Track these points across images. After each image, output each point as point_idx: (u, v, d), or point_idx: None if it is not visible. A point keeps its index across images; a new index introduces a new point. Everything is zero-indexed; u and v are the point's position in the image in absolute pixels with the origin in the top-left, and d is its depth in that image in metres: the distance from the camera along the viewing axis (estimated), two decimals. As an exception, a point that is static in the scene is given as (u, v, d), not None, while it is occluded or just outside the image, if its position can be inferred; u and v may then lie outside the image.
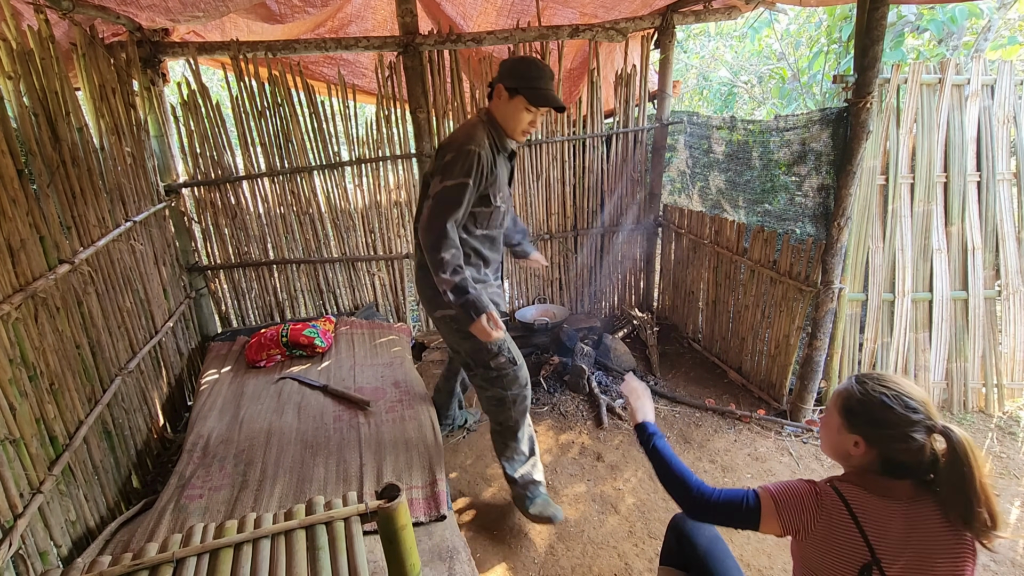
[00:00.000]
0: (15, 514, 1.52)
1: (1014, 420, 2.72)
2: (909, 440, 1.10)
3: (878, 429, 1.14)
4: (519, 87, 1.83)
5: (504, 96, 1.86)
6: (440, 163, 1.85)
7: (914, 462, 1.12)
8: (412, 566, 1.30)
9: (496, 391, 2.07)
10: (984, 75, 2.62)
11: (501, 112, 1.90)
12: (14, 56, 1.86)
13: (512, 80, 1.84)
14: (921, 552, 1.13)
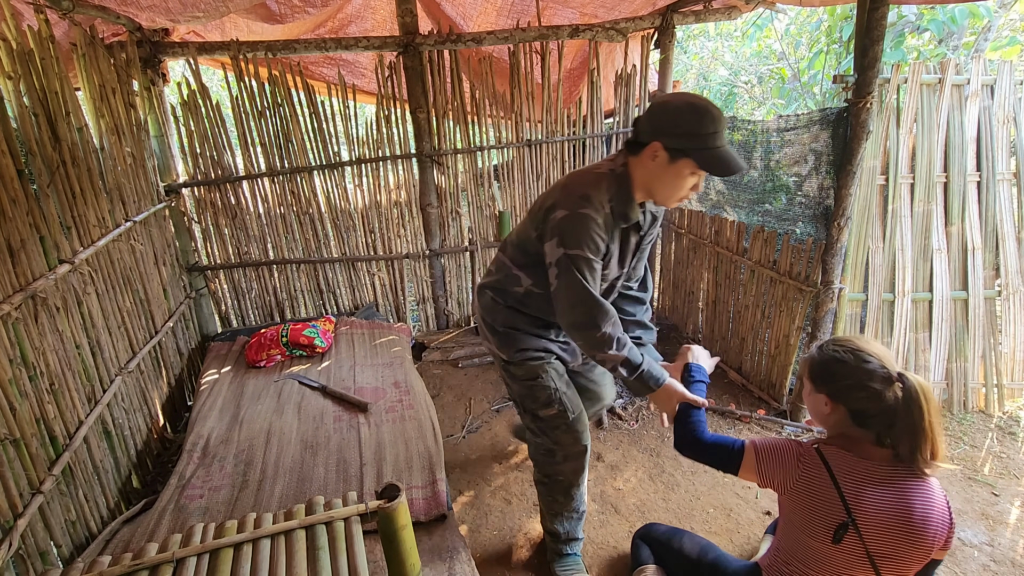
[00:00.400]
0: (15, 514, 1.52)
1: (1014, 420, 2.72)
2: (866, 388, 1.19)
3: (837, 382, 1.23)
4: (689, 148, 1.36)
5: (662, 158, 1.39)
6: (551, 218, 1.48)
7: (877, 410, 1.20)
8: (412, 566, 1.30)
9: (545, 440, 1.78)
10: (984, 75, 2.62)
11: (652, 176, 1.45)
12: (14, 56, 1.86)
13: (679, 139, 1.37)
14: (893, 515, 1.21)
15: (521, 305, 1.69)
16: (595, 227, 1.44)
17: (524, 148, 3.59)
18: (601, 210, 1.45)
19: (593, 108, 3.60)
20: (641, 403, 3.05)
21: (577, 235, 1.44)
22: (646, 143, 1.41)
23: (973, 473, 2.39)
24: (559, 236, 1.46)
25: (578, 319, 1.48)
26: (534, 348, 1.71)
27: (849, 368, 1.21)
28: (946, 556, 1.26)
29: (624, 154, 1.50)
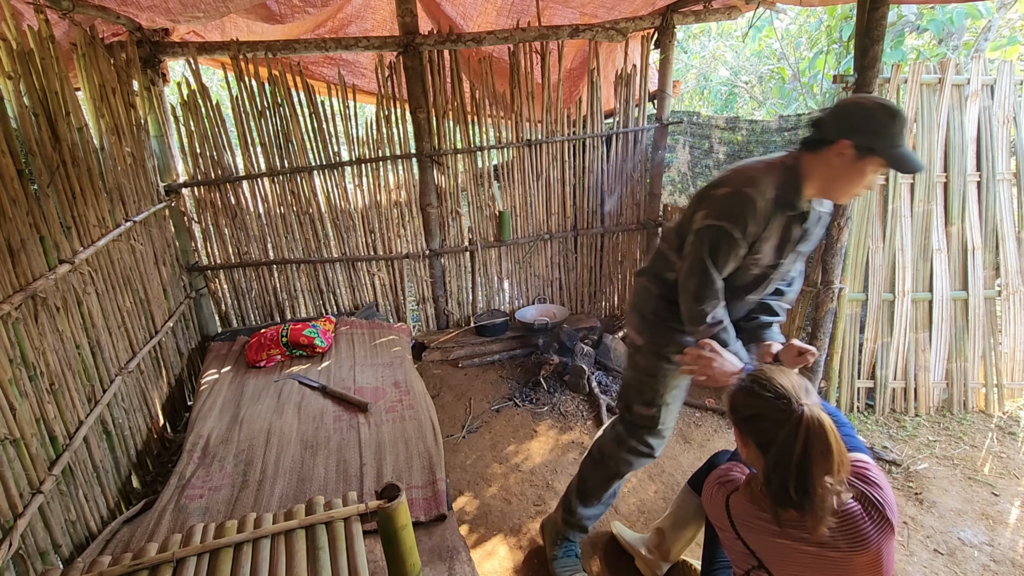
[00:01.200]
0: (15, 514, 1.52)
1: (1014, 420, 2.72)
2: (763, 419, 1.10)
3: (739, 413, 1.17)
4: (877, 147, 1.39)
5: (849, 156, 1.41)
6: (711, 194, 1.52)
7: (778, 444, 1.08)
8: (412, 566, 1.30)
9: (624, 431, 1.83)
10: (984, 75, 2.62)
11: (834, 173, 1.46)
12: (14, 56, 1.86)
13: (868, 137, 1.39)
14: (811, 567, 1.12)
15: (672, 293, 1.66)
16: (751, 208, 1.46)
17: (524, 148, 3.59)
18: (763, 196, 1.47)
19: (593, 108, 3.59)
20: (641, 403, 3.05)
21: (731, 210, 1.47)
22: (831, 141, 1.43)
23: (973, 473, 2.39)
24: (711, 208, 1.50)
25: (689, 287, 1.53)
26: (672, 344, 1.68)
27: (751, 399, 1.15)
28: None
29: (799, 151, 1.52)
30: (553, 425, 2.89)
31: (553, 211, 3.79)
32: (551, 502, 2.34)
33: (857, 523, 1.07)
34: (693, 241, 1.52)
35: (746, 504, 1.20)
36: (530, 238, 3.80)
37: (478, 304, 3.90)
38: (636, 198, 3.87)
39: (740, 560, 1.24)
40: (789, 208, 1.51)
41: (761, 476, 1.14)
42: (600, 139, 3.71)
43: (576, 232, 3.86)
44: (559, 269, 3.97)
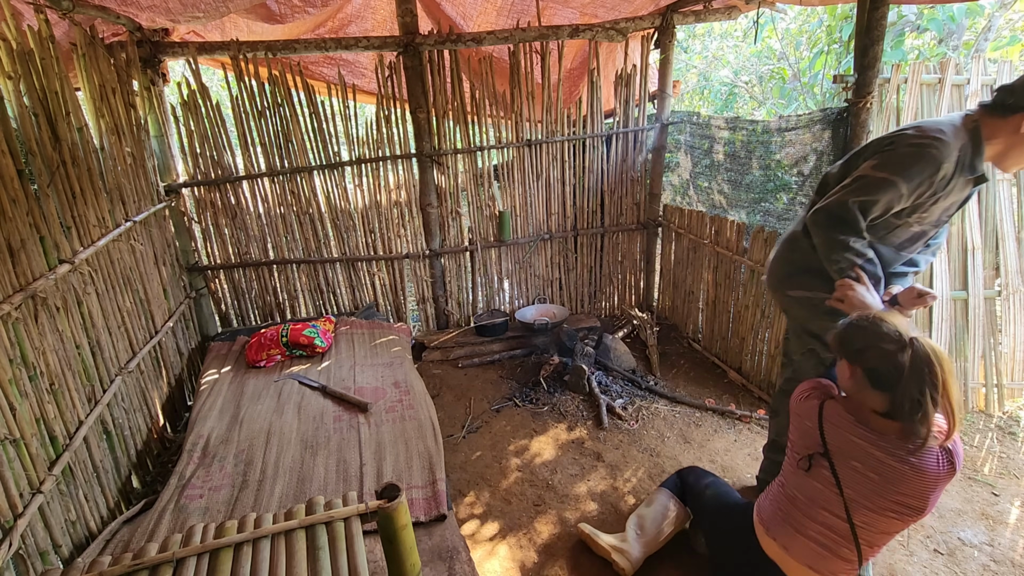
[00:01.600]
0: (15, 514, 1.52)
1: (1014, 420, 2.72)
2: (878, 348, 1.28)
3: (854, 345, 1.34)
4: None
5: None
6: (884, 145, 1.52)
7: (888, 368, 1.26)
8: (412, 566, 1.30)
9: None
10: (984, 75, 2.62)
11: (1014, 143, 1.46)
12: (14, 56, 1.86)
13: None
14: (869, 466, 1.33)
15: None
16: (932, 168, 1.45)
17: (524, 148, 3.59)
18: (950, 158, 1.45)
19: (593, 108, 3.60)
20: (641, 403, 3.05)
21: (908, 166, 1.46)
22: (1022, 109, 1.42)
23: (973, 473, 2.39)
24: (886, 160, 1.49)
25: (825, 219, 1.57)
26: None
27: (865, 331, 1.31)
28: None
29: (982, 113, 1.50)
30: (553, 425, 2.89)
31: (553, 211, 3.79)
32: (551, 502, 2.34)
33: (930, 452, 1.27)
34: (847, 184, 1.54)
35: (838, 408, 1.41)
36: (530, 238, 3.80)
37: (478, 304, 3.90)
38: (636, 198, 3.88)
39: (807, 445, 1.45)
40: (969, 171, 1.51)
41: (864, 396, 1.33)
42: (600, 139, 3.71)
43: (576, 232, 3.86)
44: (559, 269, 3.97)
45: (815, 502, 1.43)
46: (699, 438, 2.75)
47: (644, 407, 3.02)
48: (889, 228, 1.61)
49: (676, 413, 2.97)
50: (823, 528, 1.42)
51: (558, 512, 2.28)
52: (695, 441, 2.72)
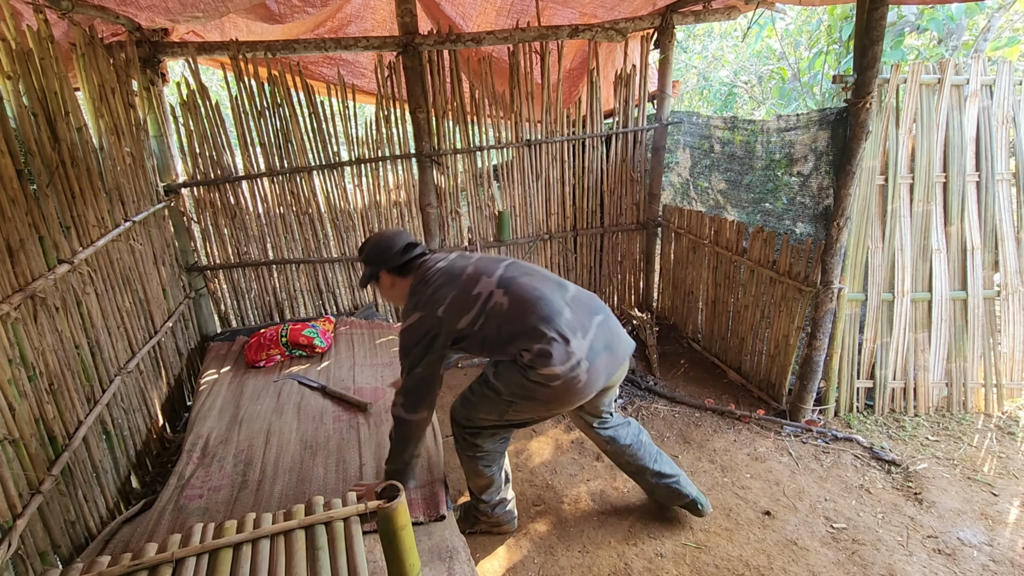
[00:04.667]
0: (14, 514, 1.52)
1: (1013, 420, 2.72)
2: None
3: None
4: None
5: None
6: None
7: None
8: (411, 566, 1.30)
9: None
10: (983, 75, 2.62)
11: (389, 295, 1.95)
12: (13, 56, 1.86)
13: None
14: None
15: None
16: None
17: (524, 148, 3.59)
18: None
19: (593, 108, 3.60)
20: (641, 403, 3.05)
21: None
22: (374, 276, 1.97)
23: (972, 473, 2.40)
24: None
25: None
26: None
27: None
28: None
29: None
30: (553, 425, 2.88)
31: (552, 211, 3.79)
32: (551, 502, 2.34)
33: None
34: None
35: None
36: (530, 238, 3.80)
37: (478, 304, 3.89)
38: (635, 198, 3.88)
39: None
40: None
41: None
42: (600, 139, 3.71)
43: (575, 232, 3.86)
44: (559, 269, 3.97)
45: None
46: (698, 438, 2.75)
47: (643, 407, 3.02)
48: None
49: (675, 413, 2.97)
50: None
51: (558, 512, 2.28)
52: (694, 441, 2.72)
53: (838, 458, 2.53)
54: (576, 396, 1.65)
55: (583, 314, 1.70)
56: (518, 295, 1.67)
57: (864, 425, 2.75)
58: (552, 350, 1.59)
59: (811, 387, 2.72)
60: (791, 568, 1.97)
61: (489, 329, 1.67)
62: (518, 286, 1.69)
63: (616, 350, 1.73)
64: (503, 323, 1.66)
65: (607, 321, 1.76)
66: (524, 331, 1.63)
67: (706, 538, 2.12)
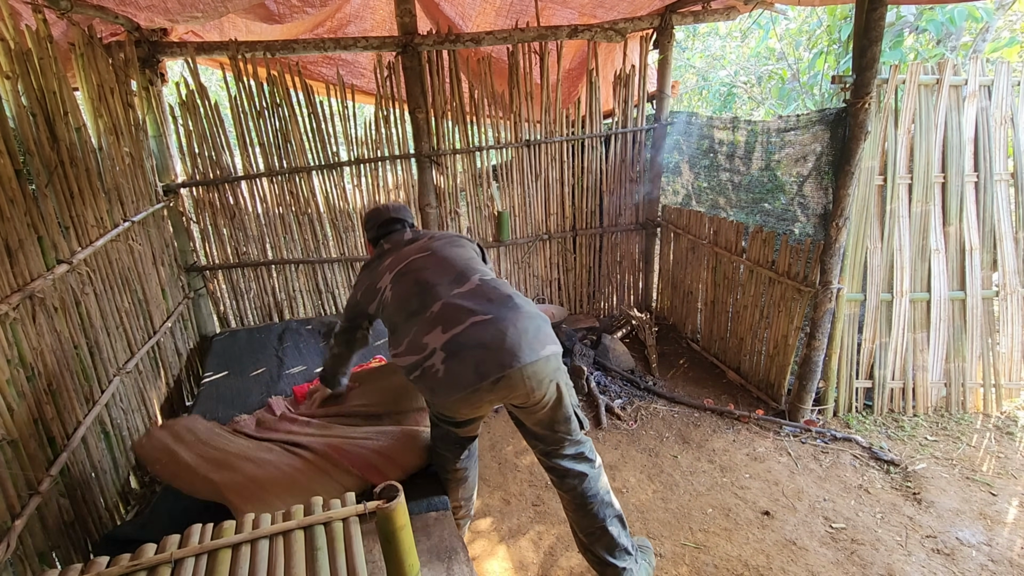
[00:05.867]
0: (13, 515, 1.52)
1: (1012, 420, 2.73)
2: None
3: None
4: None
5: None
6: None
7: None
8: (411, 567, 1.30)
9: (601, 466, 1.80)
10: (982, 76, 2.63)
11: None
12: (12, 56, 1.85)
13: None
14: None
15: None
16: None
17: (523, 148, 3.59)
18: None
19: (592, 108, 3.60)
20: (640, 403, 3.05)
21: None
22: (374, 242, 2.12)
23: (971, 473, 2.40)
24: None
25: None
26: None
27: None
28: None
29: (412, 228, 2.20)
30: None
31: (552, 211, 3.79)
32: (550, 503, 2.34)
33: None
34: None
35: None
36: (529, 238, 3.80)
37: (477, 304, 3.89)
38: (635, 198, 3.88)
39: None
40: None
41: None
42: (599, 139, 3.71)
43: (575, 232, 3.86)
44: (558, 269, 3.97)
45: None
46: (698, 438, 2.75)
47: (643, 407, 3.02)
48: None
49: (675, 413, 2.97)
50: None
51: (557, 512, 2.28)
52: (694, 441, 2.73)
53: (837, 458, 2.53)
54: (446, 388, 1.55)
55: (463, 312, 1.59)
56: (398, 291, 1.77)
57: (863, 425, 2.76)
58: (405, 340, 1.65)
59: (810, 387, 2.73)
60: (790, 568, 1.97)
61: (385, 317, 1.82)
62: (404, 281, 1.77)
63: (500, 352, 1.51)
64: (389, 315, 1.79)
65: (499, 323, 1.56)
66: (397, 324, 1.74)
67: (705, 538, 2.12)
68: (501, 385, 1.54)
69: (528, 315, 1.61)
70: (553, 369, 1.60)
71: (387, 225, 2.09)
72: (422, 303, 1.68)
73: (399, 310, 1.74)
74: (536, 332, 1.58)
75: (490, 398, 1.58)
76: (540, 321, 1.63)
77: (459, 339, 1.55)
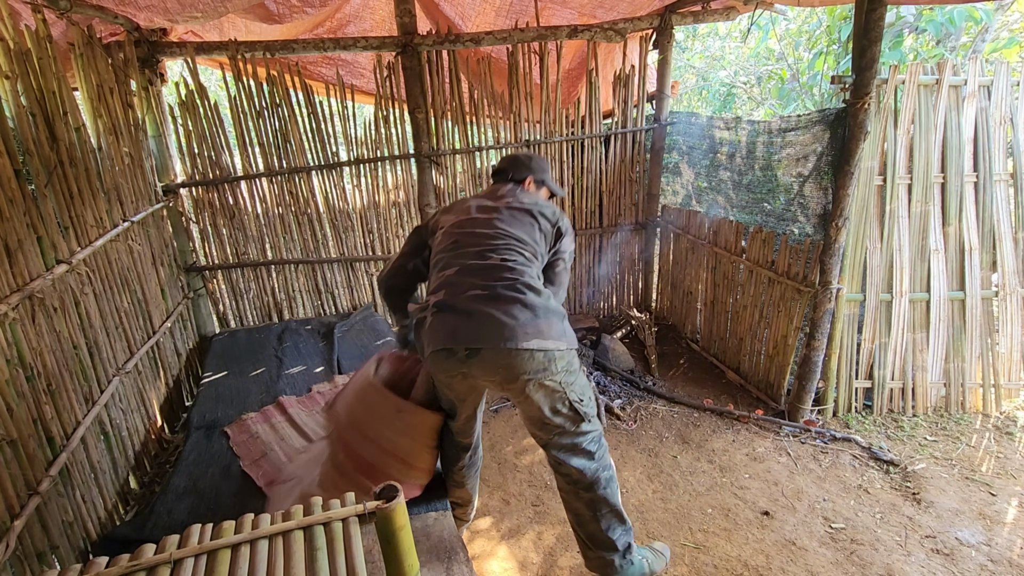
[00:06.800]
0: (12, 515, 1.51)
1: (1011, 420, 2.73)
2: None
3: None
4: (544, 179, 1.99)
5: (533, 186, 2.00)
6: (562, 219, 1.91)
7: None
8: (410, 567, 1.29)
9: (599, 432, 1.73)
10: (981, 76, 2.63)
11: (535, 195, 1.94)
12: (12, 56, 1.85)
13: (540, 174, 1.96)
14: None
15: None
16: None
17: (523, 148, 3.59)
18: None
19: (591, 108, 3.60)
20: (639, 403, 3.05)
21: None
22: (523, 179, 2.02)
23: (971, 473, 2.40)
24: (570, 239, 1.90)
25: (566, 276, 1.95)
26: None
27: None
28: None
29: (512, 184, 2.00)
30: (551, 425, 2.88)
31: (552, 211, 3.79)
32: (549, 502, 2.34)
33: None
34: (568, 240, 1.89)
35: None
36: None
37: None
38: (634, 198, 3.88)
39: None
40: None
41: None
42: (598, 139, 3.71)
43: (574, 232, 3.86)
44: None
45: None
46: (697, 438, 2.75)
47: (642, 407, 3.02)
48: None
49: (674, 413, 2.97)
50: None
51: (557, 512, 2.28)
52: (693, 441, 2.73)
53: (836, 458, 2.53)
54: (428, 340, 1.63)
55: (468, 285, 1.65)
56: (442, 241, 1.82)
57: (862, 425, 2.76)
58: (426, 291, 1.78)
59: (810, 387, 2.73)
60: (789, 568, 1.97)
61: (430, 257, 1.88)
62: (448, 235, 1.81)
63: (481, 327, 1.55)
64: (430, 257, 1.87)
65: (493, 302, 1.58)
66: (431, 271, 1.83)
67: (705, 538, 2.12)
68: (475, 361, 1.57)
69: (531, 306, 1.59)
70: (538, 367, 1.56)
71: (496, 174, 2.03)
72: (447, 263, 1.73)
73: (435, 259, 1.80)
74: (529, 324, 1.55)
75: (464, 371, 1.61)
76: (544, 316, 1.59)
77: (452, 302, 1.62)
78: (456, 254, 1.73)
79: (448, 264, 1.72)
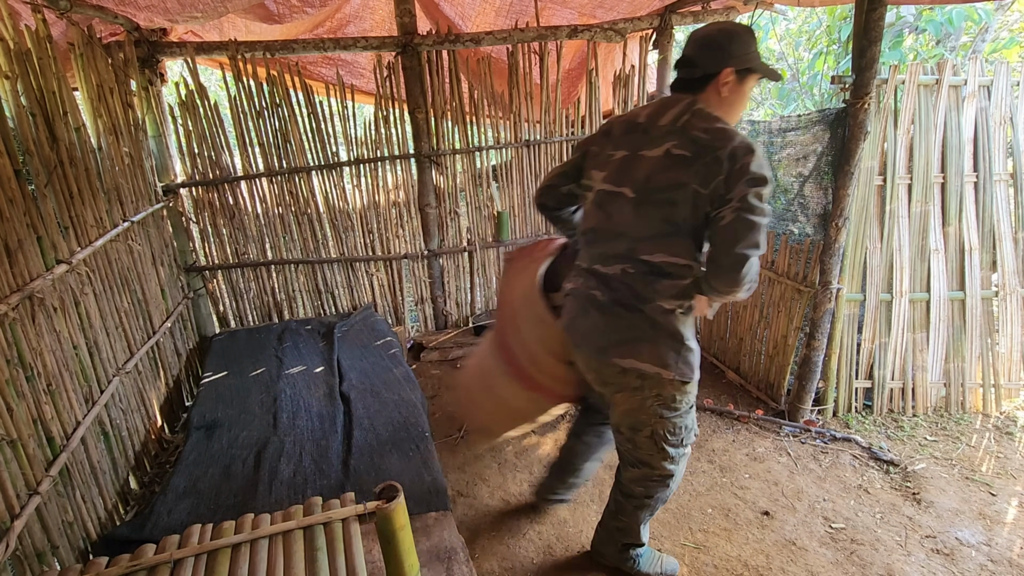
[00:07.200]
0: (12, 515, 1.51)
1: (1011, 420, 2.73)
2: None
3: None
4: (753, 65, 1.48)
5: (732, 81, 1.46)
6: (743, 160, 1.37)
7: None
8: (410, 567, 1.30)
9: (677, 469, 1.73)
10: (981, 76, 2.63)
11: (728, 103, 1.50)
12: (11, 56, 1.85)
13: (744, 60, 1.46)
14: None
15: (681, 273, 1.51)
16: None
17: (522, 148, 3.59)
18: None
19: (591, 108, 3.60)
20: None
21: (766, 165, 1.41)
22: (714, 73, 1.48)
23: (971, 473, 2.40)
24: (754, 175, 1.36)
25: (754, 243, 1.37)
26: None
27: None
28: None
29: (689, 96, 1.51)
30: (552, 426, 2.88)
31: (551, 211, 3.79)
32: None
33: None
34: (750, 206, 1.36)
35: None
36: (529, 238, 3.80)
37: (476, 304, 3.90)
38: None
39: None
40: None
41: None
42: (598, 139, 3.71)
43: (574, 232, 3.86)
44: (557, 269, 3.96)
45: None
46: (697, 438, 2.75)
47: (642, 407, 3.01)
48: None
49: (674, 413, 2.97)
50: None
51: (557, 512, 2.28)
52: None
53: (836, 458, 2.53)
54: (563, 313, 1.73)
55: (590, 284, 1.65)
56: (591, 211, 1.66)
57: (863, 425, 2.76)
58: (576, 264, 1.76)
59: (810, 387, 2.73)
60: (789, 568, 1.97)
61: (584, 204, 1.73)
62: (601, 212, 1.63)
63: (583, 329, 1.63)
64: (581, 217, 1.75)
65: (598, 307, 1.59)
66: (581, 238, 1.74)
67: (705, 538, 2.12)
68: (578, 354, 1.70)
69: (633, 325, 1.53)
70: (631, 384, 1.57)
71: (679, 67, 1.56)
72: (583, 250, 1.71)
73: (585, 225, 1.69)
74: (618, 338, 1.55)
75: (577, 357, 1.71)
76: (651, 339, 1.51)
77: (577, 294, 1.69)
78: (590, 245, 1.67)
79: (583, 253, 1.71)
